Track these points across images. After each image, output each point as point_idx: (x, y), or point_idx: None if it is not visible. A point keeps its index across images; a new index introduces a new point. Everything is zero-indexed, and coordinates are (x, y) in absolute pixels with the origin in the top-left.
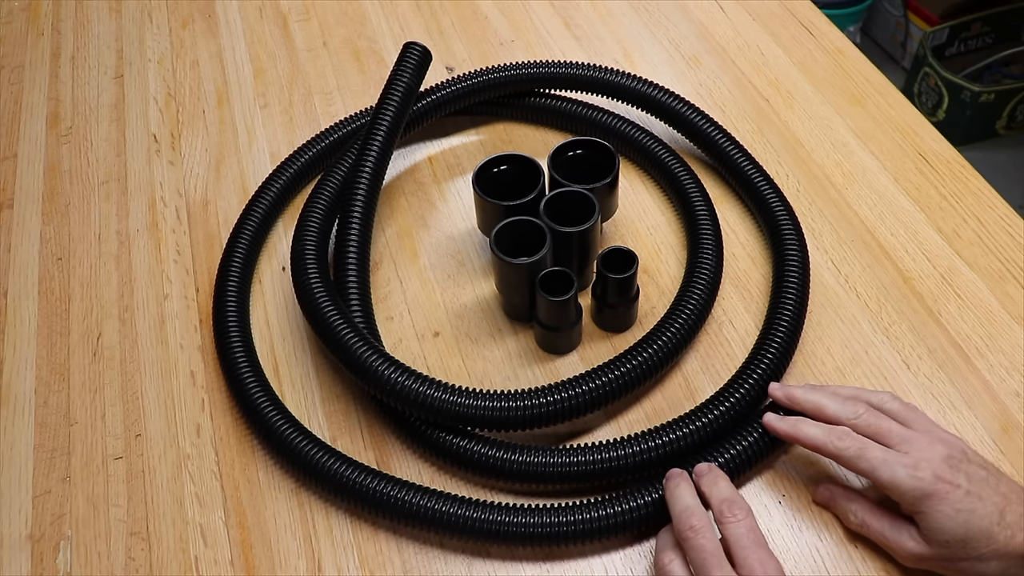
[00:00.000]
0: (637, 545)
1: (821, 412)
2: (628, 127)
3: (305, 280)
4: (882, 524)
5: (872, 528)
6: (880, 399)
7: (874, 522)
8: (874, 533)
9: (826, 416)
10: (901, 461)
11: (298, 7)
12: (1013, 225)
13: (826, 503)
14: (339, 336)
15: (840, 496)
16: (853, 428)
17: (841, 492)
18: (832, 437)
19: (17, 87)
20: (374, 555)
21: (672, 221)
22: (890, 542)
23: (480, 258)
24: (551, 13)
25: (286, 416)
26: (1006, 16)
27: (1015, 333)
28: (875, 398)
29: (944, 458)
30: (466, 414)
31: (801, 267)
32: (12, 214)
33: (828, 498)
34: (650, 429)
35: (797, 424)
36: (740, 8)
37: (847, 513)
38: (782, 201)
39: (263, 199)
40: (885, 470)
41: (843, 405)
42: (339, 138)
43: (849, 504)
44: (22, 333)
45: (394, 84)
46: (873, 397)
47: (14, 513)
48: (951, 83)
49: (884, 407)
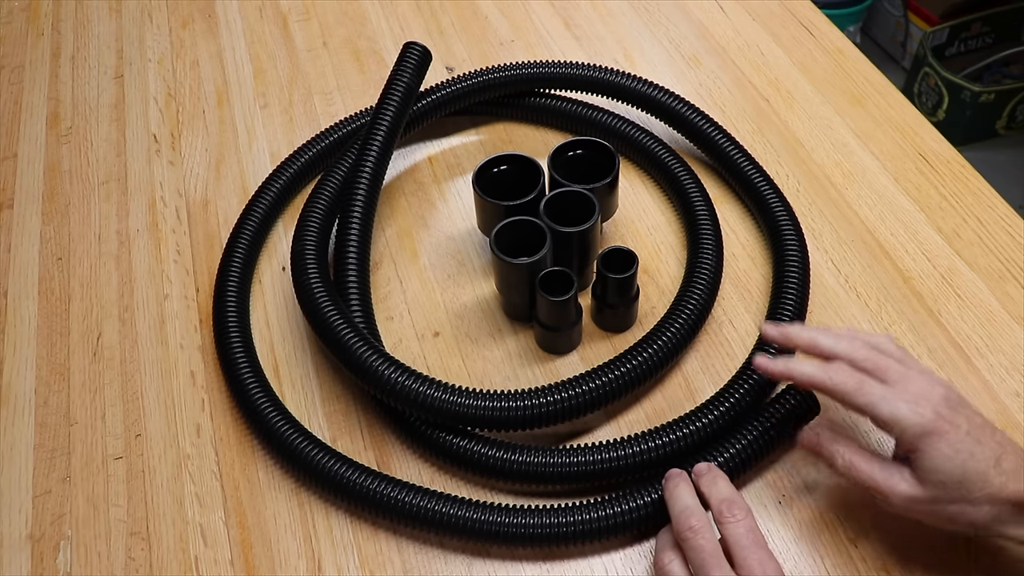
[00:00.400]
0: (637, 545)
1: (816, 347)
2: (628, 127)
3: (305, 280)
4: (871, 466)
5: (860, 470)
6: (877, 340)
7: (862, 463)
8: (863, 475)
9: (821, 351)
10: (902, 396)
11: (298, 7)
12: (1013, 225)
13: (812, 446)
14: (339, 336)
15: (826, 438)
16: (850, 363)
17: (827, 434)
18: (829, 372)
19: (17, 87)
20: (374, 555)
21: (672, 221)
22: (880, 484)
23: (480, 258)
24: (551, 13)
25: (286, 416)
26: (1006, 16)
27: (1015, 333)
28: (872, 339)
29: (944, 398)
30: (466, 414)
31: (801, 267)
32: (12, 214)
33: (814, 441)
34: (650, 429)
35: (790, 363)
36: (740, 8)
37: (834, 455)
38: (782, 201)
39: (263, 199)
40: (885, 405)
41: (839, 341)
42: (339, 138)
43: (835, 446)
44: (22, 333)
45: (394, 84)
46: (871, 338)
47: (14, 513)
48: (951, 83)
49: (880, 348)
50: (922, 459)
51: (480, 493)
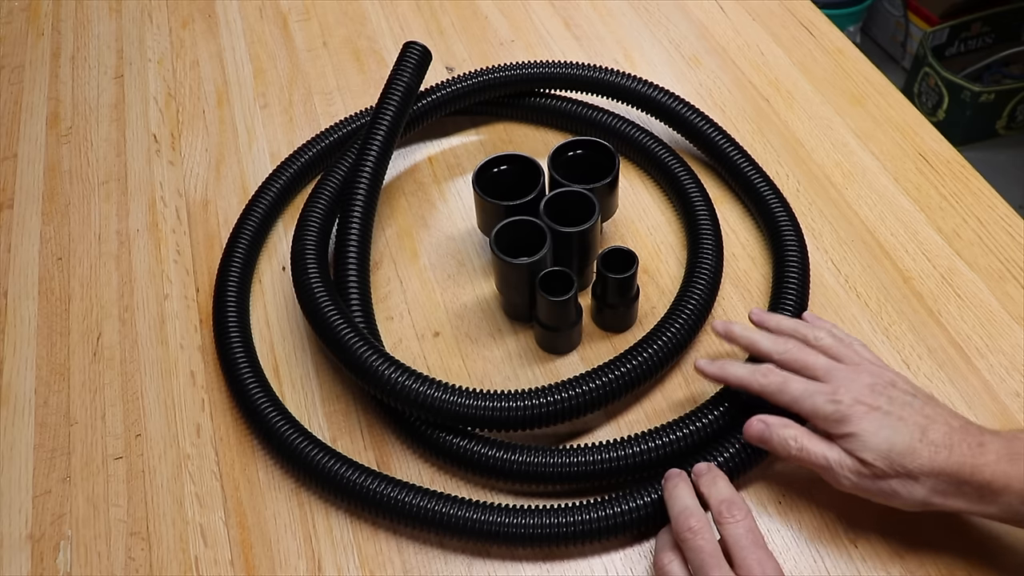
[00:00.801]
0: (637, 545)
1: (754, 347)
2: (628, 127)
3: (305, 280)
4: (821, 447)
5: (812, 453)
6: (816, 335)
7: (813, 446)
8: (815, 457)
9: (758, 351)
10: (821, 390)
11: (298, 7)
12: (1013, 225)
13: (760, 437)
14: (339, 336)
15: (775, 425)
16: (781, 363)
17: (775, 421)
18: (757, 375)
19: (17, 87)
20: (374, 555)
21: (672, 221)
22: (832, 464)
23: (480, 258)
24: (551, 13)
25: (286, 416)
26: (1006, 16)
27: (1015, 333)
28: (812, 333)
29: (867, 385)
30: (466, 414)
31: (801, 267)
32: (12, 214)
33: (762, 430)
34: (650, 429)
35: (724, 366)
36: (740, 8)
37: (785, 441)
38: (781, 201)
39: (263, 199)
40: (806, 400)
41: (774, 342)
42: (339, 138)
43: (785, 431)
44: (22, 333)
45: (394, 84)
46: (810, 332)
47: (14, 513)
48: (951, 83)
49: (819, 343)
50: (850, 442)
51: (480, 493)
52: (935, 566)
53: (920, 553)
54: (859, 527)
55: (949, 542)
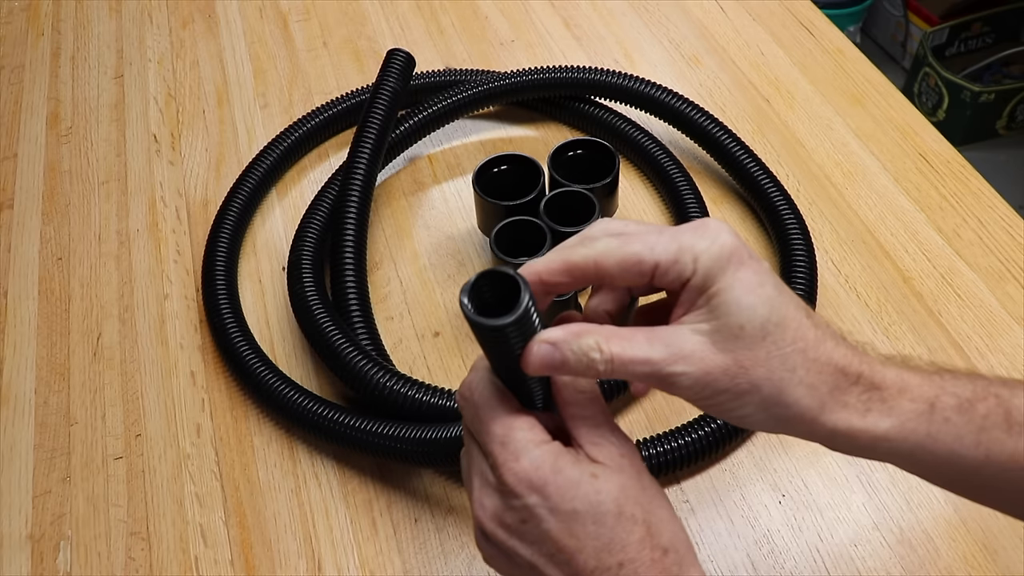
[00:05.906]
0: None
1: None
2: (628, 126)
3: (301, 290)
4: (638, 344)
5: (628, 356)
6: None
7: (628, 347)
8: (635, 361)
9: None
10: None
11: (298, 7)
12: (1013, 225)
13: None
14: (342, 356)
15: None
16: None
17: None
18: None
19: (17, 87)
20: (374, 555)
21: (672, 221)
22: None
23: (480, 258)
24: (551, 13)
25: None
26: (1006, 16)
27: (1015, 333)
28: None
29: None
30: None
31: (808, 268)
32: (12, 214)
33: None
34: (655, 434)
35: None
36: (740, 8)
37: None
38: (789, 204)
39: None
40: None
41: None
42: (329, 116)
43: (582, 340)
44: (22, 333)
45: (380, 91)
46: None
47: (14, 513)
48: (951, 83)
49: None
50: (718, 296)
51: None
52: (935, 566)
53: (920, 553)
54: (859, 527)
55: (949, 542)
